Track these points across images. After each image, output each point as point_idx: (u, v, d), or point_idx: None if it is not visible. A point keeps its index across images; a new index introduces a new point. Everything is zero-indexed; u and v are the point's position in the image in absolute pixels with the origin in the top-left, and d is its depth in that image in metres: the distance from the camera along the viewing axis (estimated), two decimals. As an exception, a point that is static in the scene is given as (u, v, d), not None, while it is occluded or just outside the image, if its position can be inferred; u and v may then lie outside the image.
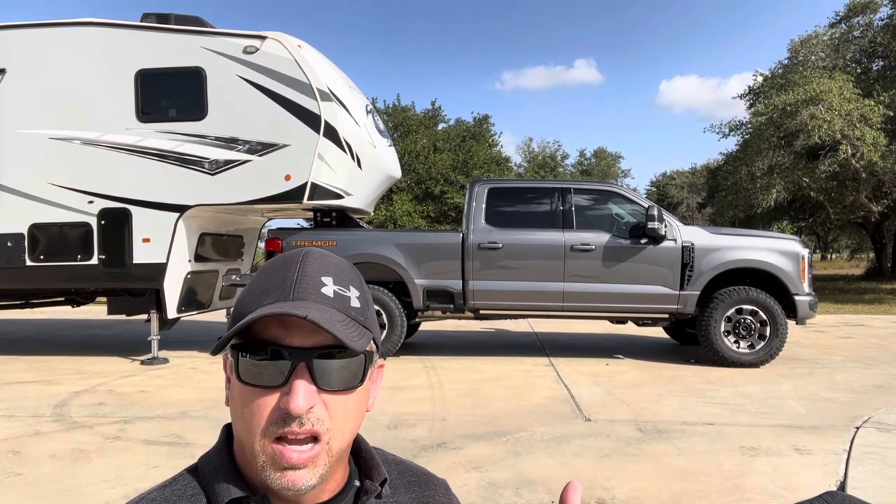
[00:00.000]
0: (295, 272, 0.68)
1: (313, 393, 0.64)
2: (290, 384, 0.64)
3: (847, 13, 20.31)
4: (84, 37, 7.18)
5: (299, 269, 0.69)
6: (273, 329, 0.65)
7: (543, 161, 42.44)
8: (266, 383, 0.64)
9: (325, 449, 0.65)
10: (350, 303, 0.69)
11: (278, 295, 0.66)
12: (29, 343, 9.07)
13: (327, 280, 0.69)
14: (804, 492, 3.24)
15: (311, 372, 0.64)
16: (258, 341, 0.66)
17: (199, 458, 0.72)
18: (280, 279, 0.68)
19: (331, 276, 0.70)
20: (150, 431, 4.46)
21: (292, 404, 0.62)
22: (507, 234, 7.21)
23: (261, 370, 0.65)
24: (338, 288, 0.69)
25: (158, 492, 0.68)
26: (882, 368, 6.75)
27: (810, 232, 35.48)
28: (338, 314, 0.66)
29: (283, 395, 0.64)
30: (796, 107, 15.90)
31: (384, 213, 24.76)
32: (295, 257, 0.71)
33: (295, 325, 0.65)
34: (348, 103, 7.37)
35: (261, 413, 0.64)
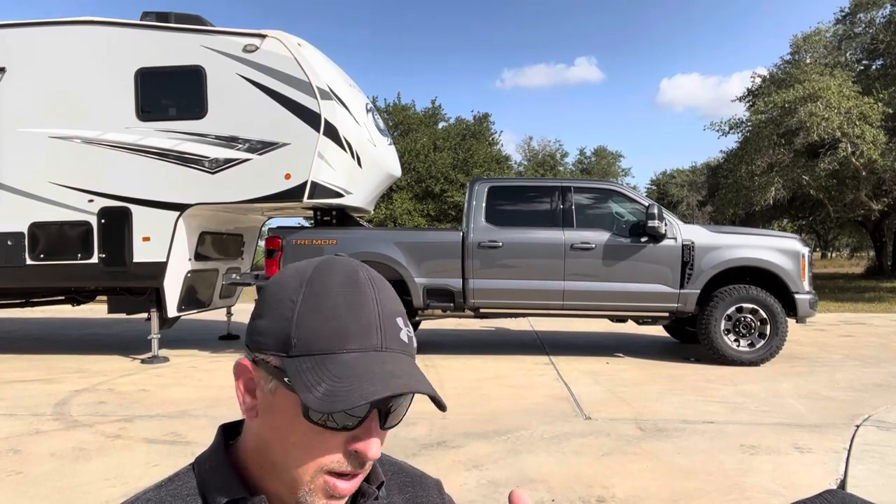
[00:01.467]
0: (375, 309, 0.64)
1: (381, 436, 0.64)
2: (366, 429, 0.62)
3: (853, 9, 20.25)
4: (84, 35, 7.18)
5: (379, 307, 0.64)
6: None
7: (543, 159, 42.43)
8: (337, 425, 0.62)
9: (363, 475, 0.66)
10: (413, 344, 0.67)
11: (364, 341, 0.62)
12: (29, 342, 9.07)
13: (400, 321, 0.66)
14: (804, 490, 3.24)
15: (382, 416, 0.64)
16: None
17: (196, 458, 0.72)
18: (359, 317, 0.63)
19: (401, 316, 0.66)
20: (150, 430, 4.46)
21: (370, 453, 0.62)
22: (507, 232, 7.20)
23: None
24: (406, 329, 0.66)
25: (154, 492, 0.67)
26: (882, 367, 6.75)
27: (810, 230, 35.45)
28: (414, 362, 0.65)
29: (355, 438, 0.62)
30: (795, 104, 15.89)
31: (384, 212, 24.76)
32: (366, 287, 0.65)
33: None
34: (348, 102, 7.37)
35: (323, 452, 0.62)
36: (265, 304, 0.67)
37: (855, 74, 18.73)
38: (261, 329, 0.66)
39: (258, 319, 0.67)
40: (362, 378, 0.60)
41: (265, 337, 0.65)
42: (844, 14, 20.72)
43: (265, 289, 0.69)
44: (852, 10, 20.36)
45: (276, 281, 0.69)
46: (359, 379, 0.60)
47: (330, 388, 0.59)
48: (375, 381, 0.60)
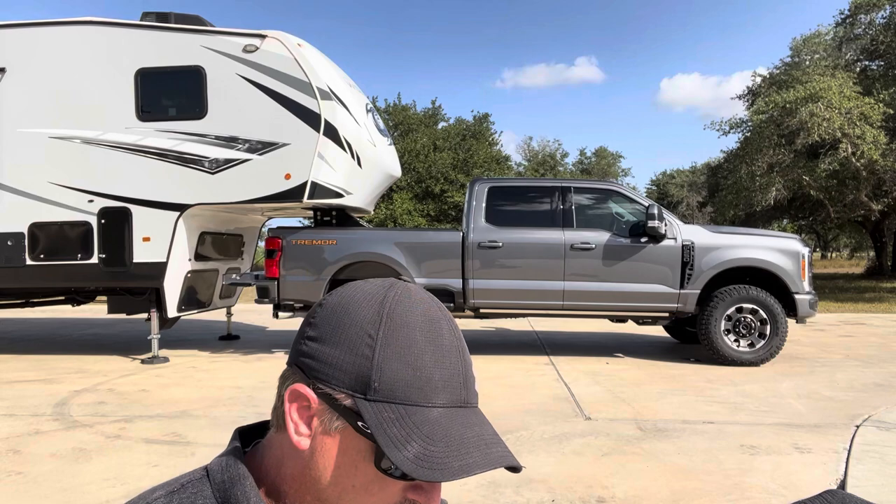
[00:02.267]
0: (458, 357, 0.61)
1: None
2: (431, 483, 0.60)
3: (854, 10, 20.26)
4: (84, 36, 7.18)
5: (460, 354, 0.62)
6: None
7: (543, 160, 42.44)
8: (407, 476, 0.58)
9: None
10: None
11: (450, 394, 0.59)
12: (29, 342, 9.07)
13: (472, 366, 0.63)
14: (804, 490, 3.24)
15: None
16: None
17: (210, 464, 0.66)
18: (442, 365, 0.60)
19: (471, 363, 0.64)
20: (150, 430, 4.46)
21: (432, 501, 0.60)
22: (507, 232, 7.21)
23: None
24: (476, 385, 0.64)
25: (165, 497, 0.63)
26: (882, 367, 6.75)
27: (810, 230, 35.47)
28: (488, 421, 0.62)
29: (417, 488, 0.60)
30: (796, 105, 15.89)
31: (384, 212, 24.76)
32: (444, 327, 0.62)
33: None
34: (348, 102, 7.37)
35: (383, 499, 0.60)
36: (333, 330, 0.61)
37: (855, 75, 18.73)
38: (327, 358, 0.60)
39: (322, 345, 0.61)
40: (459, 445, 0.56)
41: (334, 370, 0.59)
42: (844, 17, 20.73)
43: (330, 309, 0.63)
44: (852, 12, 20.37)
45: (346, 304, 0.62)
46: (455, 446, 0.56)
47: (423, 451, 0.55)
48: (472, 449, 0.57)
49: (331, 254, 7.32)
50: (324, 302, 0.65)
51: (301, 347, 0.63)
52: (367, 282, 0.66)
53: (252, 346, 8.51)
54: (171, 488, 0.64)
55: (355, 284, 0.65)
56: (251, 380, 6.21)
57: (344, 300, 0.63)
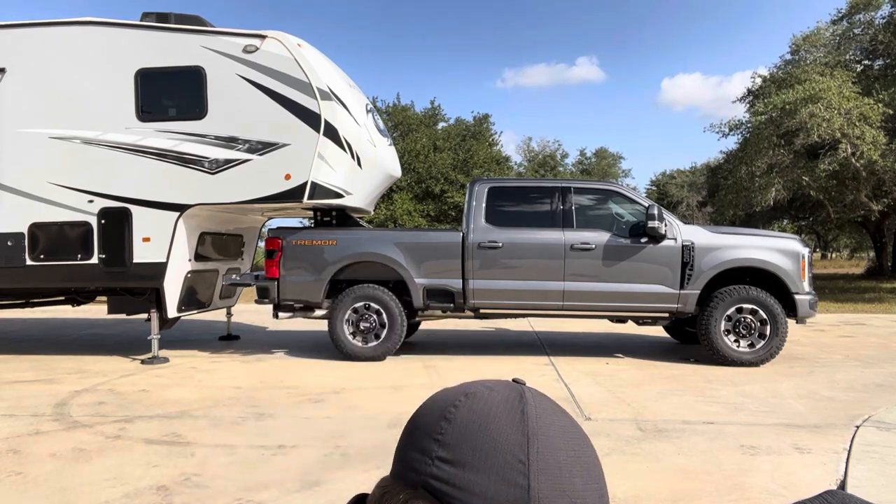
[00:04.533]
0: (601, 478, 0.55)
1: None
2: None
3: (849, 10, 20.28)
4: (84, 36, 7.18)
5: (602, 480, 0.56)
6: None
7: (543, 160, 42.42)
8: None
9: None
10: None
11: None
12: (29, 342, 9.07)
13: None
14: (804, 491, 3.24)
15: None
16: None
17: None
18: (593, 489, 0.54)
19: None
20: (150, 430, 4.46)
21: None
22: (507, 233, 7.20)
23: None
24: None
25: None
26: (882, 367, 6.75)
27: (810, 231, 35.45)
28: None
29: None
30: (795, 105, 15.89)
31: (384, 213, 24.75)
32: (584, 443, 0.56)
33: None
34: (348, 102, 7.37)
35: None
36: (475, 453, 0.52)
37: (855, 75, 18.73)
38: (473, 487, 0.51)
39: (463, 471, 0.52)
40: None
41: (481, 500, 0.51)
42: (841, 15, 20.73)
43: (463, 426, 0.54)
44: (849, 11, 20.37)
45: (483, 421, 0.54)
46: None
47: None
48: None
49: (331, 254, 7.32)
50: (451, 417, 0.55)
51: (432, 470, 0.53)
52: (491, 391, 0.57)
53: (252, 346, 8.51)
54: None
55: (482, 394, 0.57)
56: (251, 380, 6.21)
57: (478, 416, 0.54)
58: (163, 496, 3.23)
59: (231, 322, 9.31)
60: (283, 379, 6.28)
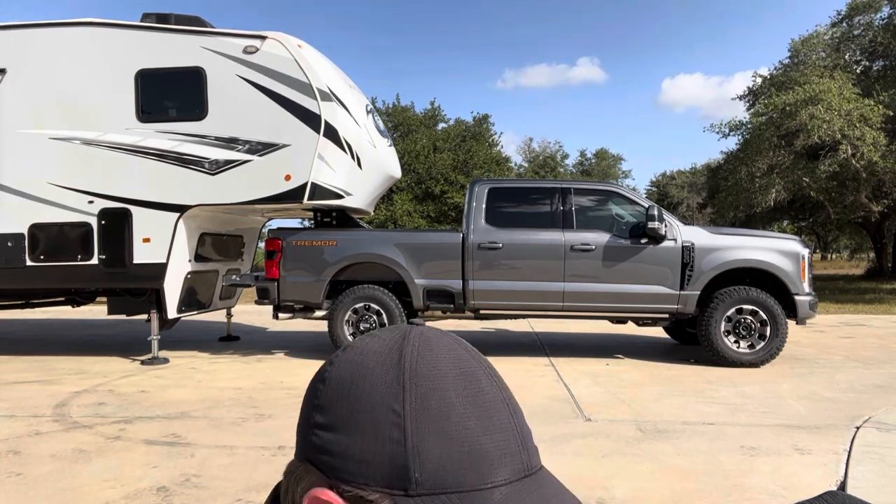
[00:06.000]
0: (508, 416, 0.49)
1: None
2: None
3: (849, 12, 20.31)
4: (84, 37, 7.18)
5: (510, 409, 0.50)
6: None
7: (544, 161, 42.44)
8: None
9: None
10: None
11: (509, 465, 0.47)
12: (29, 343, 9.07)
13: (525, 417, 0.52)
14: (804, 491, 3.24)
15: None
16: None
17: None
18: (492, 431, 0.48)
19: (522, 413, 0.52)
20: (150, 431, 4.46)
21: None
22: (507, 233, 7.20)
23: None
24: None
25: None
26: (882, 368, 6.75)
27: (810, 232, 35.45)
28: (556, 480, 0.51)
29: None
30: (796, 107, 15.90)
31: (384, 213, 24.76)
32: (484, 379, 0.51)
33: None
34: (348, 103, 7.37)
35: None
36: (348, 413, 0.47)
37: (855, 76, 18.75)
38: (349, 452, 0.46)
39: (338, 434, 0.47)
40: None
41: (361, 465, 0.46)
42: (841, 17, 20.75)
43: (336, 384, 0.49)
44: (848, 14, 20.40)
45: (354, 374, 0.49)
46: None
47: None
48: None
49: (331, 255, 7.32)
50: (326, 375, 0.51)
51: (311, 439, 0.49)
52: (373, 337, 0.52)
53: (252, 347, 8.51)
54: None
55: (360, 344, 0.52)
56: (251, 381, 6.21)
57: (351, 369, 0.49)
58: (163, 497, 3.23)
59: (231, 323, 9.30)
60: (283, 379, 6.28)
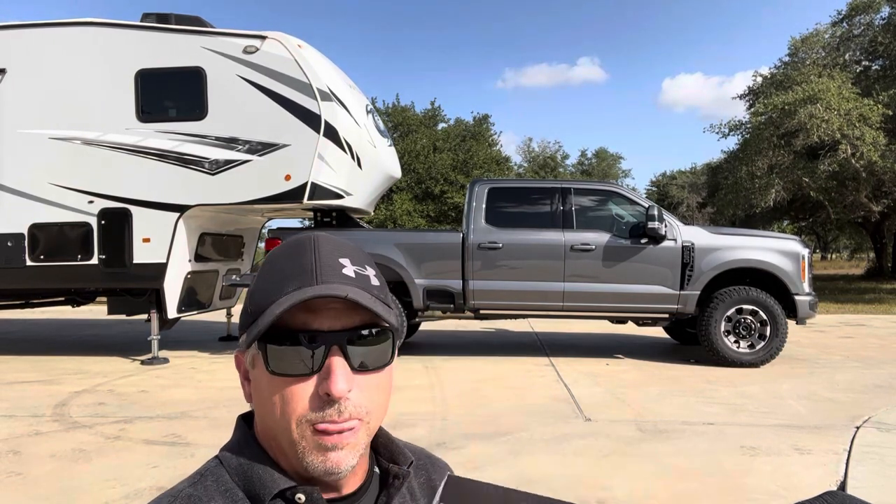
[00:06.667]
0: (313, 256, 0.66)
1: (350, 375, 0.63)
2: (328, 368, 0.62)
3: (849, 12, 20.31)
4: (84, 37, 7.18)
5: (316, 253, 0.66)
6: (300, 316, 0.63)
7: (544, 161, 42.43)
8: (301, 371, 0.63)
9: (365, 428, 0.65)
10: (371, 282, 0.67)
11: (302, 280, 0.64)
12: (29, 343, 9.07)
13: (345, 262, 0.67)
14: (804, 491, 3.24)
15: (344, 353, 0.63)
16: (287, 330, 0.63)
17: (221, 452, 0.70)
18: (298, 264, 0.65)
19: (347, 258, 0.67)
20: (150, 431, 4.46)
21: (333, 388, 0.61)
22: (507, 233, 7.20)
23: (293, 358, 0.63)
24: (356, 268, 0.67)
25: (191, 488, 0.65)
26: (882, 368, 6.75)
27: (810, 232, 35.48)
28: (365, 293, 0.64)
29: (322, 379, 0.62)
30: (795, 106, 15.90)
31: (384, 213, 24.75)
32: (307, 242, 0.68)
33: (323, 309, 0.63)
34: (348, 103, 7.37)
35: (297, 402, 0.62)
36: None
37: (854, 76, 18.75)
38: (240, 320, 0.70)
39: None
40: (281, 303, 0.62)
41: (241, 322, 0.69)
42: (841, 17, 20.75)
43: None
44: (848, 13, 20.39)
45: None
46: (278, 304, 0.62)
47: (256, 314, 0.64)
48: (309, 294, 0.61)
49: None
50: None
51: None
52: None
53: (252, 347, 8.49)
54: (191, 481, 0.66)
55: None
56: (251, 381, 6.19)
57: None
58: (163, 497, 3.22)
59: (231, 323, 9.30)
60: (283, 379, 6.27)
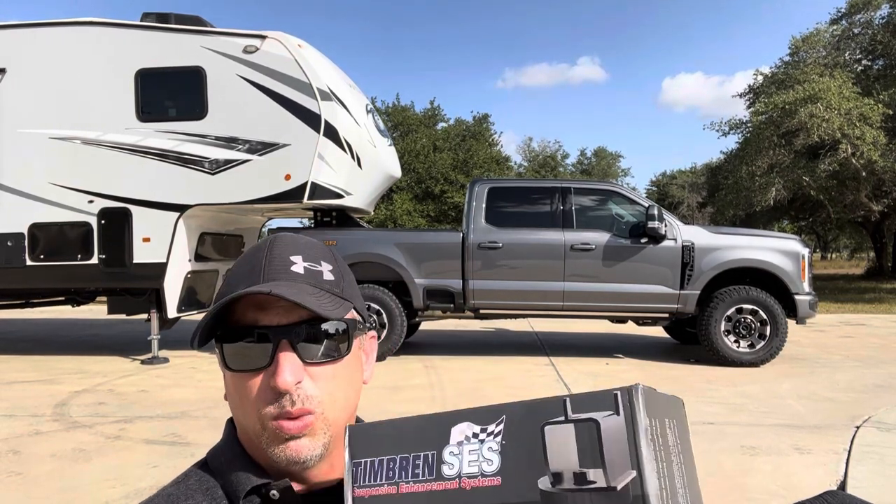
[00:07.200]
0: (263, 256, 0.70)
1: (299, 367, 0.65)
2: (276, 362, 0.64)
3: (848, 10, 20.30)
4: (84, 36, 7.18)
5: (267, 253, 0.70)
6: (251, 313, 0.66)
7: (544, 160, 42.41)
8: (252, 366, 0.66)
9: (321, 417, 0.66)
10: (323, 276, 0.70)
11: (250, 280, 0.67)
12: (29, 343, 9.07)
13: (296, 259, 0.70)
14: (804, 491, 3.23)
15: (293, 347, 0.65)
16: (238, 328, 0.66)
17: (207, 453, 0.73)
18: (249, 266, 0.69)
19: (300, 255, 0.71)
20: (150, 431, 4.46)
21: (279, 380, 0.63)
22: (507, 233, 7.20)
23: (245, 354, 0.66)
24: (308, 264, 0.70)
25: (173, 487, 0.68)
26: (882, 368, 6.75)
27: (810, 231, 35.47)
28: (309, 287, 0.67)
29: (271, 374, 0.64)
30: (795, 105, 15.90)
31: (384, 213, 24.75)
32: (263, 244, 0.72)
33: (272, 306, 0.66)
34: (348, 103, 7.37)
35: (253, 396, 0.65)
36: None
37: (854, 75, 18.74)
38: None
39: None
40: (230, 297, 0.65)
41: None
42: (840, 14, 20.74)
43: None
44: (848, 11, 20.38)
45: None
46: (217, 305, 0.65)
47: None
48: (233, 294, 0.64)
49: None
50: None
51: None
52: None
53: (252, 346, 8.49)
54: (176, 481, 0.69)
55: None
56: (251, 380, 6.20)
57: None
58: (163, 496, 3.22)
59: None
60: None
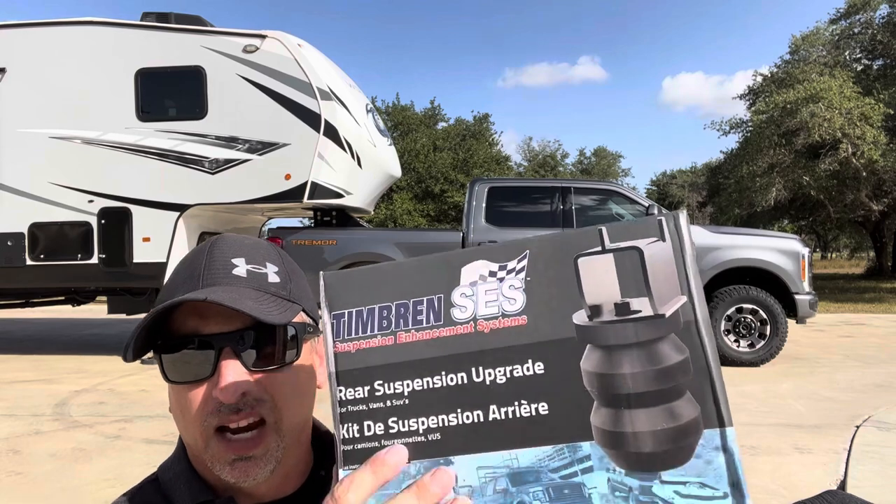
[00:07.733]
0: (203, 260, 0.66)
1: (244, 375, 0.61)
2: (218, 370, 0.60)
3: (848, 10, 20.31)
4: (84, 36, 7.18)
5: (206, 257, 0.66)
6: (191, 322, 0.62)
7: (543, 160, 42.42)
8: (194, 377, 0.61)
9: (273, 429, 0.62)
10: (267, 279, 0.66)
11: (189, 286, 0.63)
12: (29, 342, 9.07)
13: (238, 261, 0.66)
14: (804, 491, 3.23)
15: (237, 355, 0.61)
16: (178, 337, 0.62)
17: (159, 467, 0.70)
18: (189, 271, 0.65)
19: (242, 257, 0.66)
20: (150, 430, 4.46)
21: (222, 389, 0.59)
22: (507, 233, 7.20)
23: (186, 365, 0.62)
24: (251, 267, 0.66)
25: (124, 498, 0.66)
26: (882, 367, 6.75)
27: (810, 231, 35.45)
28: (251, 292, 0.63)
29: (214, 384, 0.60)
30: (796, 105, 15.90)
31: (384, 212, 24.76)
32: (203, 247, 0.68)
33: (212, 313, 0.61)
34: (348, 102, 7.37)
35: (195, 408, 0.61)
36: None
37: (854, 74, 18.74)
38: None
39: None
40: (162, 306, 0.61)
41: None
42: (840, 14, 20.74)
43: None
44: (848, 11, 20.38)
45: None
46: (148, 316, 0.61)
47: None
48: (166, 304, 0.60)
49: (331, 254, 7.31)
50: None
51: None
52: None
53: (252, 346, 8.50)
54: (132, 492, 0.67)
55: None
56: (251, 380, 6.20)
57: None
58: (163, 496, 3.22)
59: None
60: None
